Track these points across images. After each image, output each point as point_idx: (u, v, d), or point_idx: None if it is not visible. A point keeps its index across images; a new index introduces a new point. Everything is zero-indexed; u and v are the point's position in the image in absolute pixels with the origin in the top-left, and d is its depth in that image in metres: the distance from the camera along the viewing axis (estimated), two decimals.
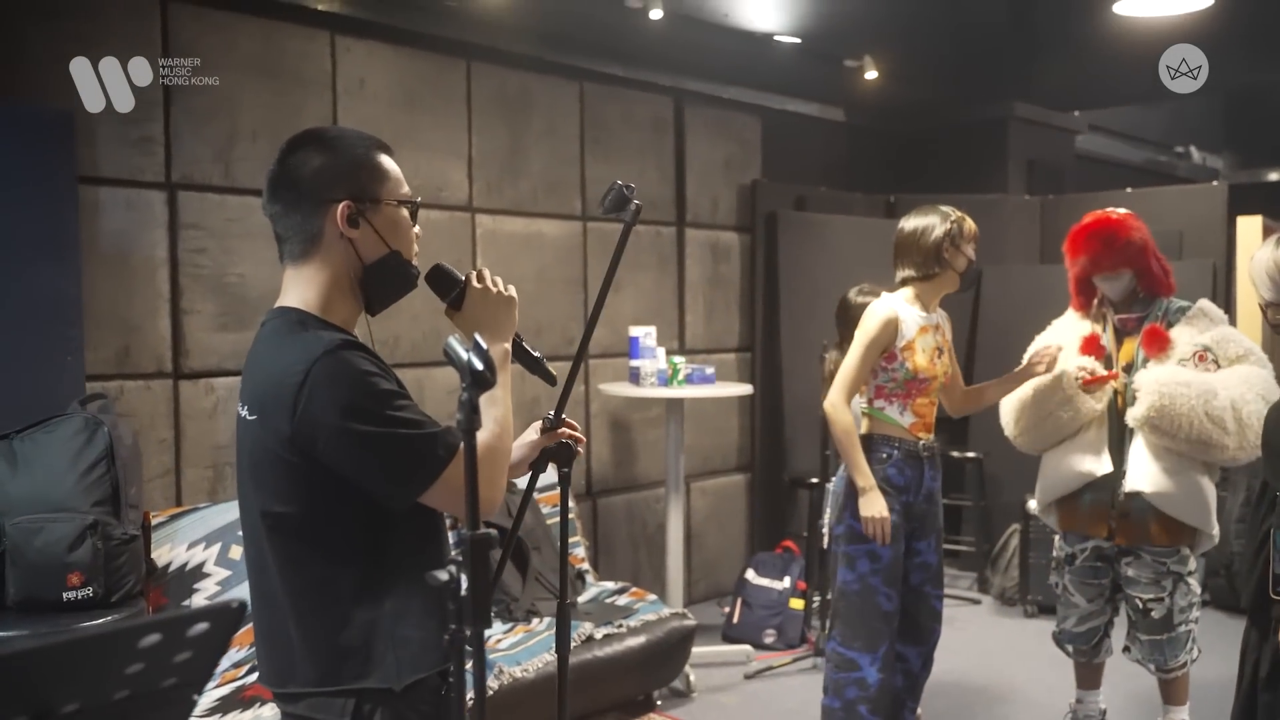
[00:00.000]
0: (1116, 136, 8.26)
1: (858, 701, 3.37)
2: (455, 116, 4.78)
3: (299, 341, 1.69)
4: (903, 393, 3.41)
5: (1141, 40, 5.36)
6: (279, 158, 1.80)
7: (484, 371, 1.44)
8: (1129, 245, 3.55)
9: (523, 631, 4.07)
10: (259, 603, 1.81)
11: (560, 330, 5.12)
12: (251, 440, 1.74)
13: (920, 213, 3.50)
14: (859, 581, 3.39)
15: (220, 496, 3.99)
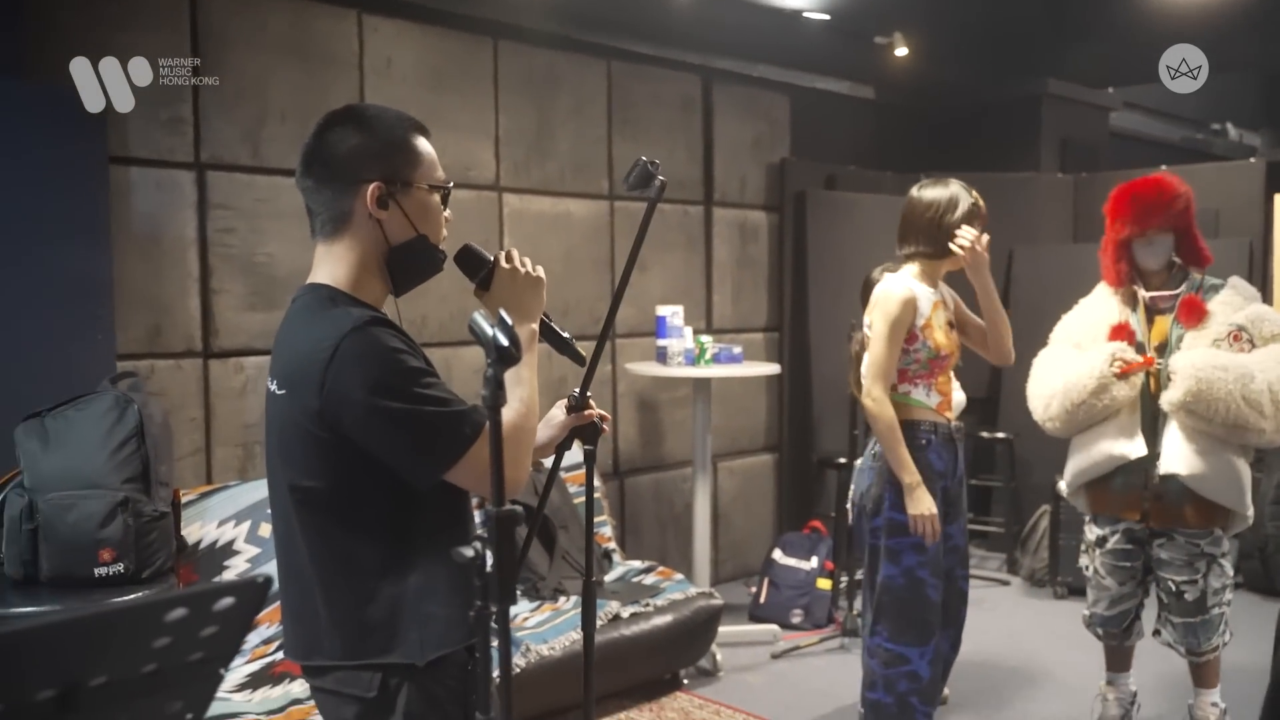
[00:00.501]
0: (1152, 113, 8.14)
1: (910, 694, 3.28)
2: (482, 96, 4.77)
3: (328, 317, 1.70)
4: (926, 373, 3.30)
5: (1177, 16, 5.28)
6: (315, 131, 1.80)
7: (509, 347, 1.44)
8: (1174, 204, 3.50)
9: (550, 610, 4.08)
10: (286, 577, 1.83)
11: (588, 310, 5.11)
12: (280, 415, 1.75)
13: (935, 187, 3.35)
14: (905, 575, 3.25)
15: (250, 475, 4.02)
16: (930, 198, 3.33)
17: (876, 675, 3.32)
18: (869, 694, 3.36)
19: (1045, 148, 6.75)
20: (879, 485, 3.27)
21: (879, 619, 3.31)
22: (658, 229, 5.43)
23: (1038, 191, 6.55)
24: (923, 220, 3.33)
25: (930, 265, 3.35)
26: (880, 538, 3.28)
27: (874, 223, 6.02)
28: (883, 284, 3.34)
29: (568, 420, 2.09)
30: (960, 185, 3.34)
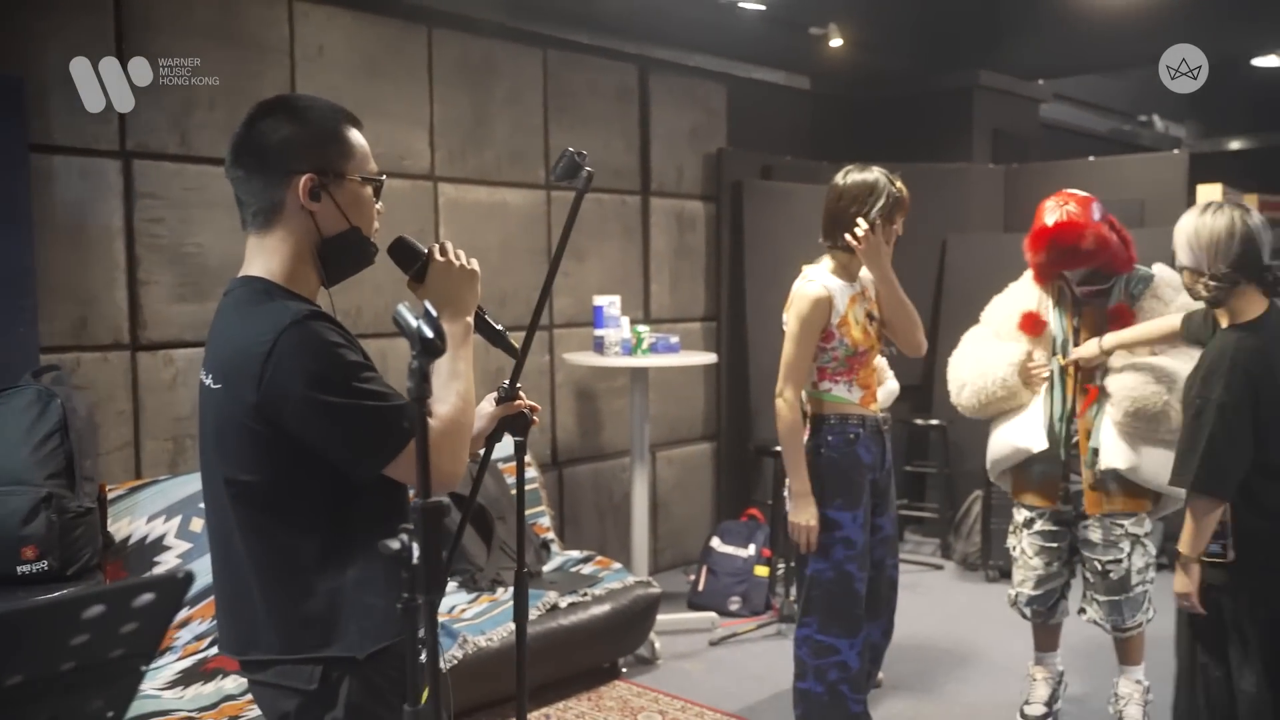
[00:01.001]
0: (1081, 105, 8.30)
1: (840, 683, 3.33)
2: (417, 84, 4.72)
3: (266, 311, 1.69)
4: (846, 370, 3.31)
5: (1105, 9, 5.38)
6: (246, 121, 1.79)
7: (434, 339, 1.44)
8: (1086, 253, 3.58)
9: (487, 601, 4.08)
10: (222, 571, 1.81)
11: (525, 300, 5.09)
12: (216, 409, 1.73)
13: (857, 177, 3.30)
14: (834, 569, 3.29)
15: (181, 469, 3.96)
16: (845, 187, 3.30)
17: (807, 665, 3.37)
18: (799, 684, 3.41)
19: (977, 138, 6.84)
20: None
21: (808, 611, 3.36)
22: (594, 219, 5.42)
23: (970, 181, 6.64)
24: (838, 215, 3.31)
25: (848, 259, 3.34)
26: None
27: (810, 213, 6.00)
28: (798, 282, 3.32)
29: (496, 412, 2.09)
30: (881, 173, 3.31)
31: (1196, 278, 2.82)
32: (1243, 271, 2.76)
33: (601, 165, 5.42)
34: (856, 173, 3.33)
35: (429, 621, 1.49)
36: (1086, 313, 3.68)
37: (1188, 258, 2.83)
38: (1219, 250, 2.77)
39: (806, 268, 3.40)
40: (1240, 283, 2.77)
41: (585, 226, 5.34)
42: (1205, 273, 2.80)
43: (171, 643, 3.49)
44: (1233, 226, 2.76)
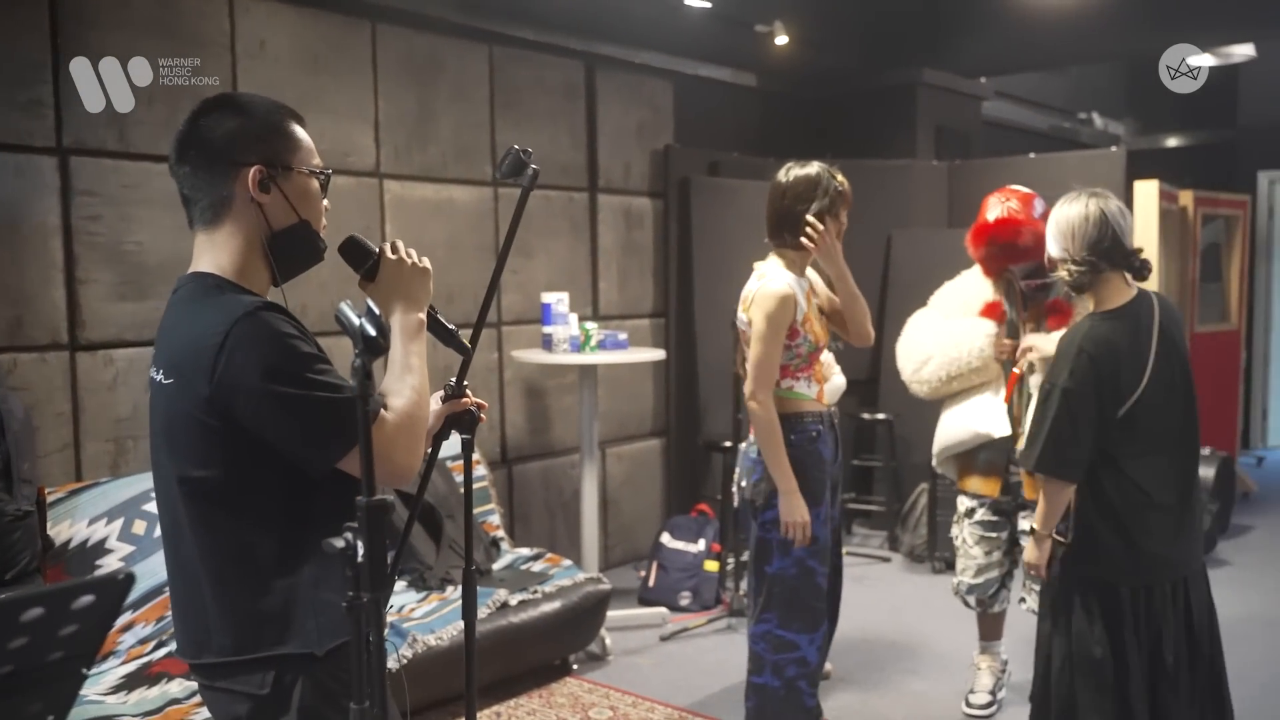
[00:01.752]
0: (1022, 103, 8.41)
1: (798, 679, 3.34)
2: (361, 80, 4.69)
3: (218, 304, 1.68)
4: (807, 365, 3.32)
5: (1045, 8, 5.46)
6: (190, 118, 1.78)
7: (376, 337, 1.44)
8: (1023, 249, 3.64)
9: (437, 600, 4.06)
10: (175, 573, 1.80)
11: (473, 297, 5.07)
12: (167, 405, 1.72)
13: (799, 173, 3.30)
14: (796, 565, 3.28)
15: (123, 471, 3.90)
16: (790, 190, 3.30)
17: (765, 660, 3.35)
18: (755, 679, 3.40)
19: (921, 135, 6.92)
20: (769, 480, 3.27)
21: (769, 607, 3.33)
22: (542, 216, 5.41)
23: (914, 177, 6.71)
24: (783, 213, 3.31)
25: (796, 255, 3.34)
26: (772, 530, 3.29)
27: (757, 209, 6.03)
28: (760, 281, 3.29)
29: (442, 409, 2.08)
30: (822, 167, 3.31)
31: (1063, 265, 2.85)
32: (1103, 257, 2.78)
33: (548, 162, 5.41)
34: (798, 169, 3.33)
35: (375, 620, 1.49)
36: (1031, 307, 3.74)
37: (1054, 246, 2.87)
38: (1075, 235, 2.80)
39: (759, 265, 3.39)
40: (1103, 269, 2.79)
41: (533, 223, 5.33)
42: (1068, 259, 2.82)
43: (115, 647, 3.43)
44: (1087, 212, 2.80)
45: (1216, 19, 6.13)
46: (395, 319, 1.81)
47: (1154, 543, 2.75)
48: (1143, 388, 2.72)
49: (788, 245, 3.33)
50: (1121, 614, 2.76)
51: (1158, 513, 2.75)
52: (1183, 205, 7.09)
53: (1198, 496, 2.88)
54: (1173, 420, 2.79)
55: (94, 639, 1.33)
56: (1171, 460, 2.79)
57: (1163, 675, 2.75)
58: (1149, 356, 2.74)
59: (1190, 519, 2.83)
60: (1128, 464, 2.74)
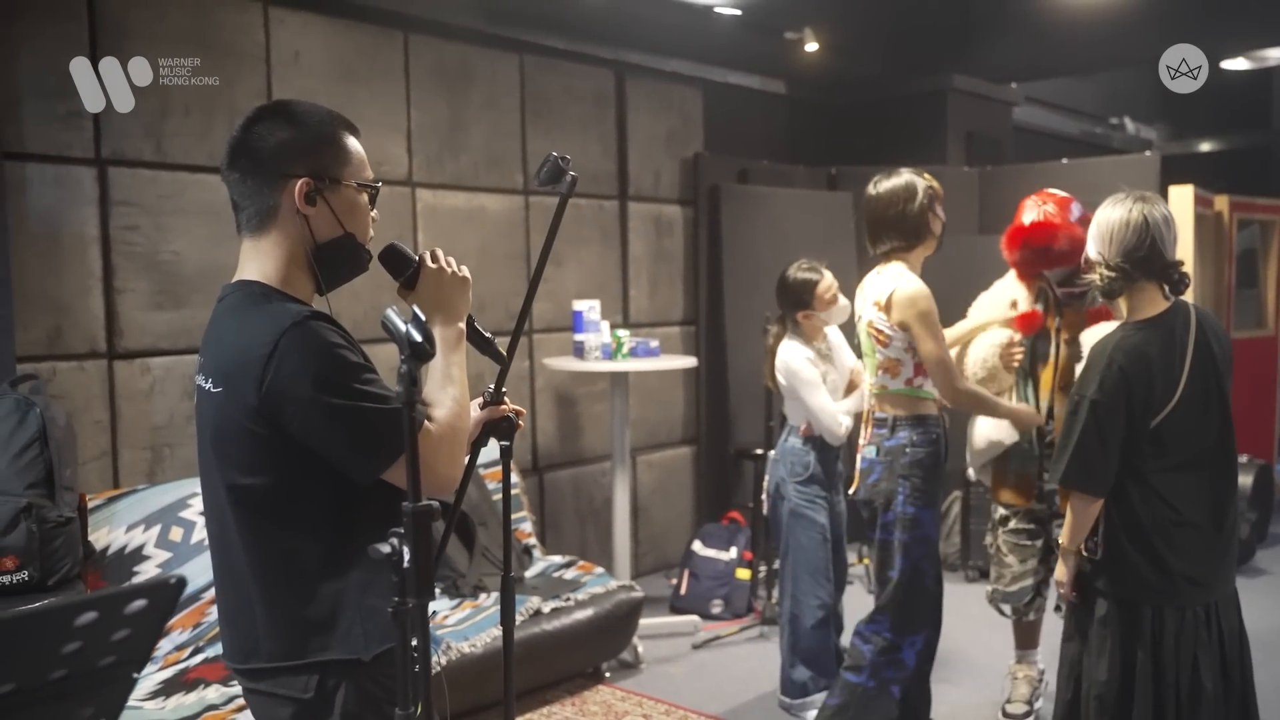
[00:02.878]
0: (1053, 108, 8.37)
1: (892, 682, 3.39)
2: (393, 90, 4.72)
3: (266, 313, 1.68)
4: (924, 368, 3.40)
5: (1076, 12, 5.43)
6: (243, 124, 1.78)
7: (423, 343, 1.45)
8: (1059, 254, 3.62)
9: (470, 607, 4.06)
10: (222, 579, 1.81)
11: (504, 305, 5.09)
12: (215, 412, 1.72)
13: (891, 180, 3.43)
14: (913, 569, 3.36)
15: (159, 478, 3.93)
16: (888, 194, 3.41)
17: (865, 661, 3.41)
18: (851, 676, 3.44)
19: (951, 141, 6.89)
20: (889, 480, 3.33)
21: (884, 609, 3.40)
22: (573, 224, 5.42)
23: (944, 184, 6.50)
24: (889, 216, 3.41)
25: (911, 257, 3.43)
26: (893, 532, 3.34)
27: (787, 216, 6.10)
28: (894, 284, 3.35)
29: (481, 417, 2.08)
30: (911, 171, 3.44)
31: (1096, 267, 2.76)
32: (1139, 266, 2.68)
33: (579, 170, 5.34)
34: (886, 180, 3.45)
35: (421, 626, 1.49)
36: (1067, 313, 3.70)
37: (1092, 247, 2.78)
38: (1113, 240, 2.69)
39: (887, 267, 3.44)
40: (1136, 278, 2.69)
41: (564, 231, 5.28)
42: (1102, 262, 2.73)
43: (153, 653, 3.46)
44: (1128, 217, 2.69)
45: (1251, 22, 6.07)
46: (435, 329, 1.81)
47: (1182, 562, 2.66)
48: (1175, 402, 2.64)
49: (898, 250, 3.42)
50: (1139, 635, 2.69)
51: (1186, 530, 2.66)
52: (1217, 210, 7.02)
53: (1233, 520, 2.76)
54: (1206, 438, 2.70)
55: (145, 643, 1.35)
56: (1203, 478, 2.70)
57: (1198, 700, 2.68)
58: (1182, 370, 2.66)
59: (1223, 542, 2.72)
60: (1156, 479, 2.66)
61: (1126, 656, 2.70)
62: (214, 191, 3.84)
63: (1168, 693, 2.67)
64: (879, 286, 3.39)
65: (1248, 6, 5.68)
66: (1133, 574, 2.69)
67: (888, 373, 3.38)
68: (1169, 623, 2.68)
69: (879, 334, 3.39)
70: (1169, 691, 2.67)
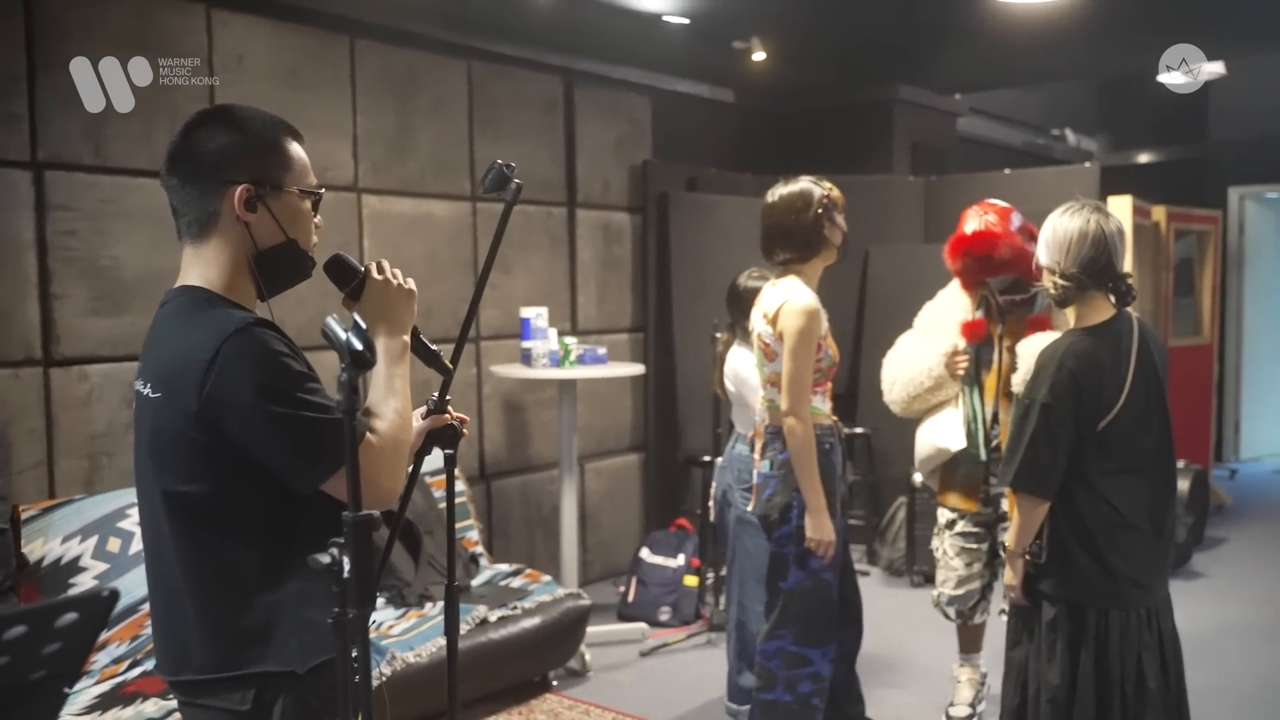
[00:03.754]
0: (996, 119, 8.48)
1: (813, 695, 3.33)
2: (339, 95, 4.67)
3: (209, 319, 1.67)
4: (822, 380, 3.32)
5: (1019, 26, 5.51)
6: (183, 130, 1.76)
7: (363, 351, 1.44)
8: (1000, 263, 3.66)
9: (416, 617, 4.03)
10: (156, 588, 1.78)
11: (451, 312, 5.06)
12: (154, 418, 1.70)
13: (787, 187, 3.34)
14: (813, 579, 3.28)
15: (97, 488, 3.86)
16: (782, 200, 3.32)
17: (777, 676, 3.34)
18: (765, 695, 3.37)
19: (897, 151, 6.97)
20: (784, 494, 3.27)
21: (783, 623, 3.32)
22: (521, 231, 5.41)
23: (891, 193, 6.76)
24: (782, 227, 3.31)
25: (808, 269, 3.33)
26: (788, 545, 3.29)
27: (735, 225, 6.13)
28: (785, 297, 3.25)
29: (424, 426, 2.06)
30: (810, 180, 3.35)
31: (1049, 275, 2.81)
32: (1091, 276, 2.74)
33: (527, 177, 5.36)
34: (783, 187, 3.35)
35: (361, 637, 1.48)
36: (1009, 321, 3.75)
37: (1044, 255, 2.82)
38: (1070, 250, 2.75)
39: (783, 281, 3.34)
40: (1088, 287, 2.76)
41: (512, 238, 5.33)
42: (1056, 271, 2.78)
43: (89, 667, 3.39)
44: (1085, 228, 2.74)
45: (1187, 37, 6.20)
46: (380, 340, 1.79)
47: (1126, 565, 2.72)
48: (1120, 406, 2.71)
49: (793, 261, 3.32)
50: (1084, 637, 2.73)
51: (1130, 533, 2.72)
52: (1155, 221, 7.16)
53: (1172, 524, 2.83)
54: (1148, 443, 2.77)
55: (77, 657, 1.32)
56: (1144, 482, 2.76)
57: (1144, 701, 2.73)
58: (1127, 375, 2.73)
59: (1161, 547, 2.79)
60: (1101, 482, 2.72)
61: (1075, 659, 2.74)
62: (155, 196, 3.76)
63: (1114, 694, 2.72)
64: (771, 299, 3.31)
65: (1185, 21, 5.79)
66: (1080, 577, 2.74)
67: (775, 386, 3.31)
68: (1114, 625, 2.73)
69: (766, 347, 3.32)
70: (1115, 692, 2.72)
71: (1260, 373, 9.42)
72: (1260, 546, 6.62)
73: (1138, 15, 5.64)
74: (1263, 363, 9.45)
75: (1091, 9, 5.28)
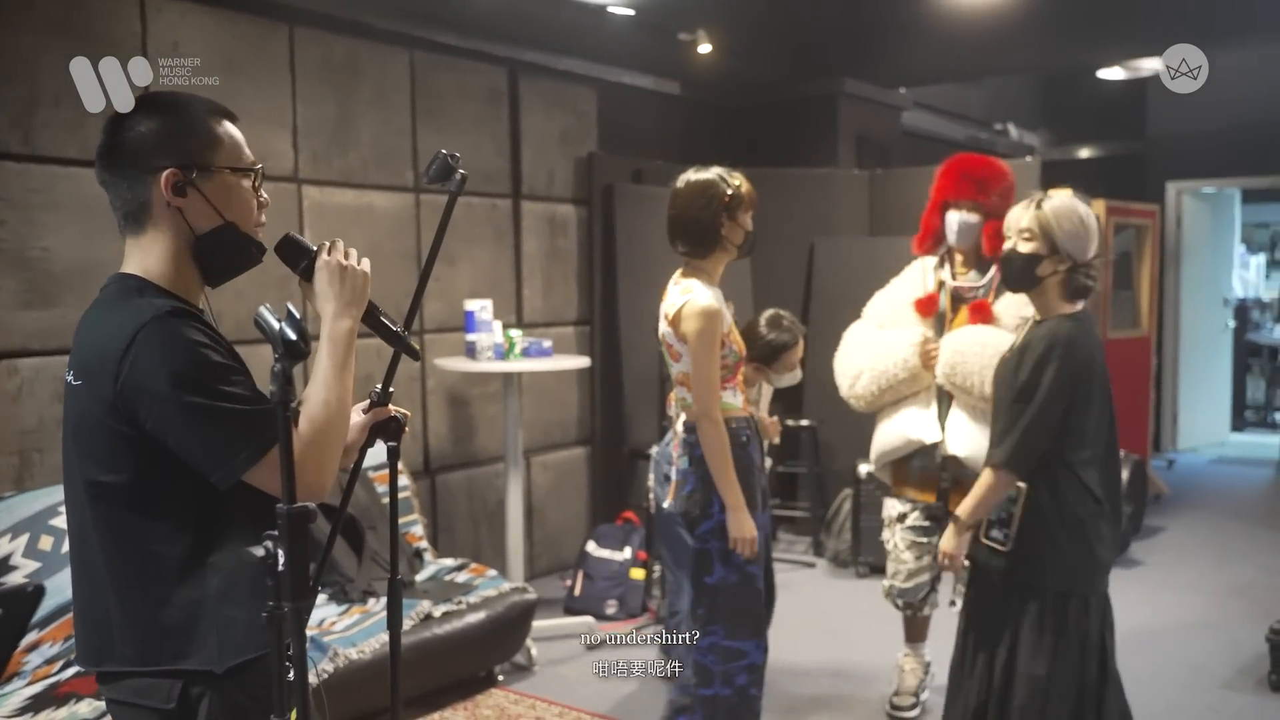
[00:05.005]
0: (940, 113, 8.55)
1: (749, 685, 3.31)
2: (278, 83, 4.59)
3: (130, 307, 1.64)
4: (731, 375, 3.28)
5: (964, 21, 5.55)
6: (108, 123, 1.74)
7: (297, 341, 1.42)
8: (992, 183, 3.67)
9: (359, 613, 3.98)
10: (79, 578, 1.75)
11: (394, 305, 4.90)
12: (77, 406, 1.67)
13: (694, 176, 3.23)
14: (738, 573, 3.25)
15: (28, 484, 3.76)
16: (685, 189, 3.23)
17: (713, 672, 3.31)
18: (704, 691, 3.33)
19: (843, 144, 6.99)
20: (704, 490, 3.23)
21: (714, 620, 3.28)
22: (465, 222, 5.36)
23: (836, 186, 6.78)
24: (684, 216, 3.23)
25: (706, 265, 3.26)
26: (711, 541, 3.25)
27: None
28: (687, 296, 3.20)
29: (366, 420, 2.02)
30: (721, 171, 3.23)
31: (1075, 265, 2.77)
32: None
33: (471, 168, 5.29)
34: (694, 175, 3.26)
35: (297, 633, 1.44)
36: (961, 311, 3.76)
37: (1071, 244, 2.78)
38: (1094, 238, 2.79)
39: (680, 279, 3.29)
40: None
41: (456, 230, 5.27)
42: (1083, 261, 2.78)
43: (20, 667, 3.30)
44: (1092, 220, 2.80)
45: (1125, 34, 6.29)
46: (328, 323, 1.75)
47: (1105, 551, 2.77)
48: (1099, 393, 2.75)
49: (693, 255, 3.26)
50: (1068, 625, 2.75)
51: (1106, 521, 2.77)
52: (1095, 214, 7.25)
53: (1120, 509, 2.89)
54: (1111, 430, 2.81)
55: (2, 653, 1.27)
56: (1112, 469, 2.82)
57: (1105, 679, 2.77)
58: (1102, 363, 2.78)
59: (1120, 529, 2.86)
60: (1083, 470, 2.75)
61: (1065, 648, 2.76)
62: (87, 186, 3.67)
63: (1089, 678, 2.76)
64: (672, 300, 3.24)
65: (1123, 18, 5.88)
66: (1067, 566, 2.76)
67: (684, 386, 3.26)
68: (1093, 609, 2.78)
69: (670, 348, 3.28)
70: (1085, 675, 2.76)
71: (1197, 364, 9.61)
72: (1197, 536, 6.75)
73: (1080, 12, 5.72)
74: (1200, 355, 9.64)
75: (1035, 6, 5.34)
